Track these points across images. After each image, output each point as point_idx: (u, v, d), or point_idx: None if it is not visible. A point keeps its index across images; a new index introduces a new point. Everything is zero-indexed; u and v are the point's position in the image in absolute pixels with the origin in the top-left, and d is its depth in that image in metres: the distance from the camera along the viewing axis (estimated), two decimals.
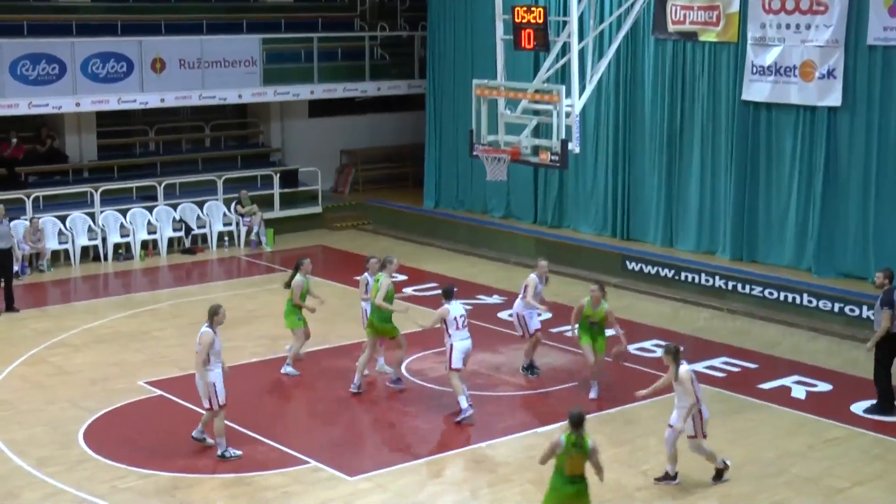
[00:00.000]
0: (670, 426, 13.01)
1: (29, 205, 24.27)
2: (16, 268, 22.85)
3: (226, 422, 13.96)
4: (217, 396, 13.62)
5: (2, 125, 25.65)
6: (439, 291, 15.87)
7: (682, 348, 13.34)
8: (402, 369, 16.92)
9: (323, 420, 15.35)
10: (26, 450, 13.97)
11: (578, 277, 23.02)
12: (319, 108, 30.13)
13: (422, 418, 15.36)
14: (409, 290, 21.92)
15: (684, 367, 12.90)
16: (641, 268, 22.74)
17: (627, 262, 23.00)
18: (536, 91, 18.41)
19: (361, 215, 28.66)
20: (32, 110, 24.45)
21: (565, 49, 18.90)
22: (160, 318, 20.02)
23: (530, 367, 17.36)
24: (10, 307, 20.36)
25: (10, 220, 23.47)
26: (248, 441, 14.37)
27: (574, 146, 18.33)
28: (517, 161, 18.82)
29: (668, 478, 13.21)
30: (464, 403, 15.06)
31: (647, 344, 18.59)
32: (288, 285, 16.86)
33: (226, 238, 26.12)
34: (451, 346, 15.07)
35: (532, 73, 21.91)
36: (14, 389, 16.32)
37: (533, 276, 17.21)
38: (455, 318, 15.10)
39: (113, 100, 25.30)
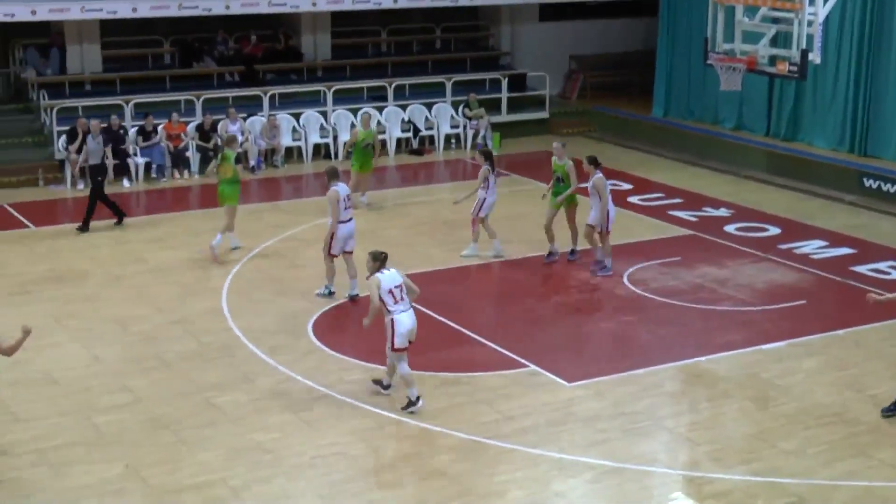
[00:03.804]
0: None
1: (266, 101, 25.06)
2: (252, 162, 23.78)
3: (450, 322, 14.18)
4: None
5: (242, 23, 26.50)
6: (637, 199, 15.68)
7: None
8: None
9: (543, 325, 15.45)
10: (260, 337, 14.60)
11: (812, 194, 22.31)
12: (550, 12, 29.86)
13: (643, 328, 15.26)
14: (634, 200, 21.67)
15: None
16: (880, 185, 21.75)
17: (865, 180, 22.03)
18: None
19: (588, 122, 28.38)
20: (272, 9, 25.09)
21: None
22: (386, 217, 20.45)
23: None
24: (119, 219, 19.70)
25: (248, 116, 24.39)
26: (468, 342, 14.63)
27: (815, 56, 17.61)
28: (753, 71, 18.26)
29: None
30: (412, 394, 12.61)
31: (882, 265, 17.88)
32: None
33: (452, 140, 26.36)
34: (392, 321, 12.39)
35: None
36: (249, 280, 17.05)
37: None
38: (391, 290, 12.40)
39: (348, 0, 25.70)
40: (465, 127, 26.35)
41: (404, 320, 12.38)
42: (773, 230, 19.90)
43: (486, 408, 12.68)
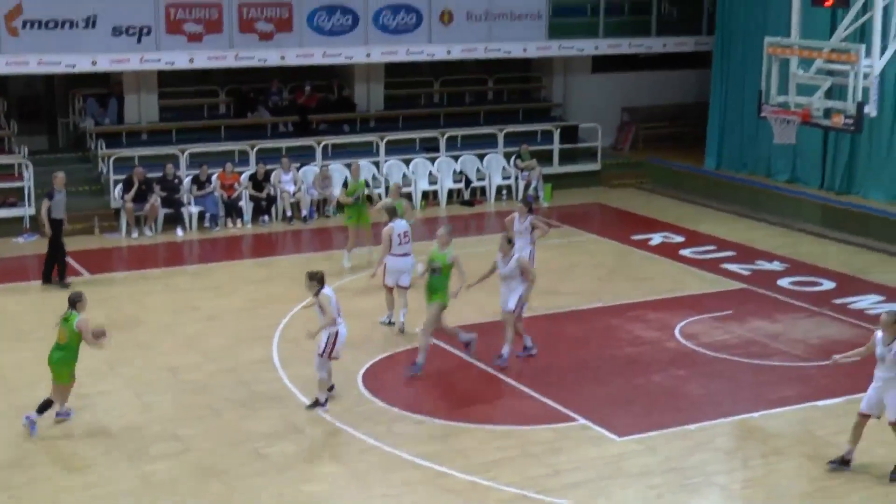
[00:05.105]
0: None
1: (318, 152, 25.25)
2: (304, 212, 23.92)
3: (500, 375, 14.12)
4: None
5: (297, 74, 26.77)
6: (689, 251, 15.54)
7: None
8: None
9: (594, 378, 15.33)
10: (310, 387, 14.58)
11: (867, 248, 22.05)
12: (602, 64, 29.91)
13: (694, 382, 15.10)
14: (686, 252, 21.55)
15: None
16: None
17: None
18: (833, 50, 17.67)
19: (640, 174, 28.34)
20: (326, 60, 25.33)
21: (867, 6, 18.01)
22: None
23: None
24: (62, 279, 19.12)
25: (301, 166, 24.54)
26: (518, 395, 14.54)
27: (871, 109, 17.51)
28: (807, 123, 18.17)
29: None
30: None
31: None
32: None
33: (504, 191, 26.38)
34: (337, 332, 13.82)
35: (829, 31, 20.99)
36: (300, 328, 17.03)
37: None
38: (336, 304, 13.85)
39: (402, 51, 25.94)
40: (516, 178, 26.37)
41: (343, 332, 13.81)
42: (828, 284, 19.68)
43: (535, 461, 12.59)
